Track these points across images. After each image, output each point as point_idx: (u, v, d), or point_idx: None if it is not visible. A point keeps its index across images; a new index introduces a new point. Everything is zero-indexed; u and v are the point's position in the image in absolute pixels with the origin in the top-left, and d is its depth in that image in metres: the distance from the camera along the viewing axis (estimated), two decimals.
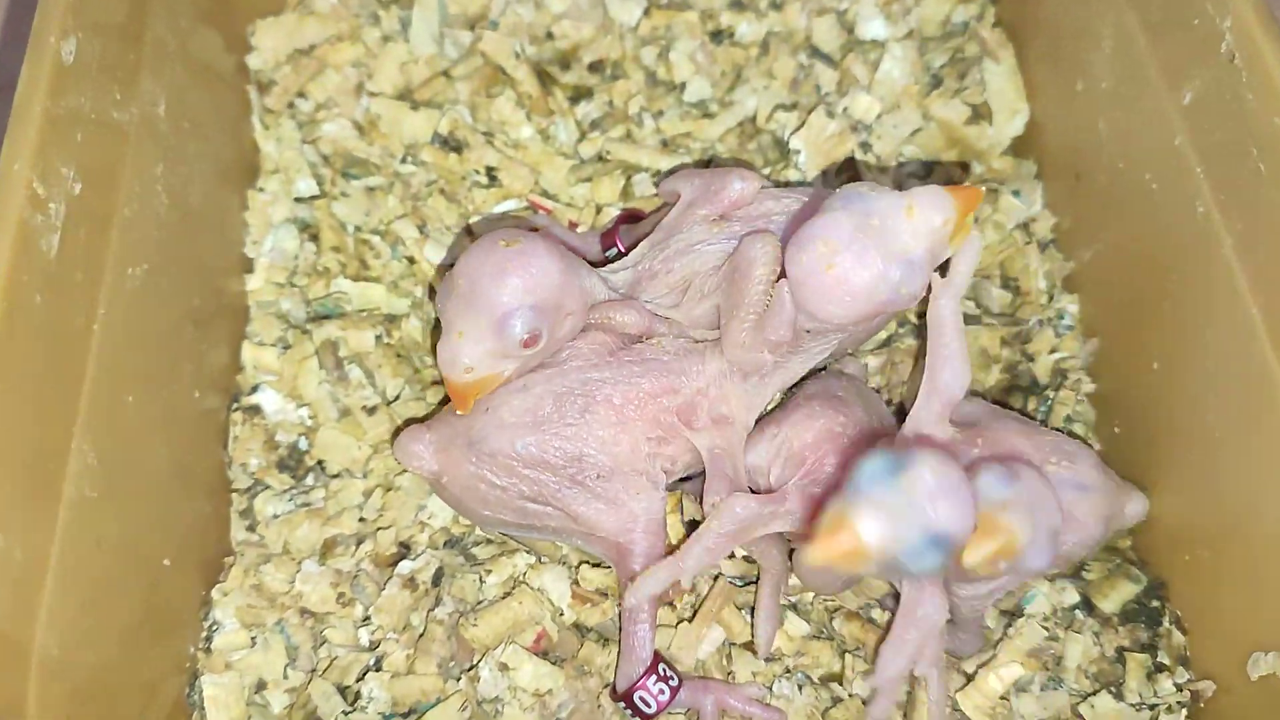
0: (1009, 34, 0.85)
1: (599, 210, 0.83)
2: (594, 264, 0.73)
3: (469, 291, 0.63)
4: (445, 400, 0.74)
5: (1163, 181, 0.68)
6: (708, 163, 0.83)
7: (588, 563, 0.71)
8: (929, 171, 0.83)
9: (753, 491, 0.66)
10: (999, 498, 0.55)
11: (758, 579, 0.70)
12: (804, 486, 0.64)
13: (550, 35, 0.87)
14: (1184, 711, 0.64)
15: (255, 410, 0.75)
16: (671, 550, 0.69)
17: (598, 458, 0.66)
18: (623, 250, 0.77)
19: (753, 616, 0.69)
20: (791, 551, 0.69)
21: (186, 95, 0.72)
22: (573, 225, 0.82)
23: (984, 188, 0.58)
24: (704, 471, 0.67)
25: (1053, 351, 0.77)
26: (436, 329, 0.78)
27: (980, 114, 0.84)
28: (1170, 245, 0.67)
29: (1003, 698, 0.66)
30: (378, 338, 0.77)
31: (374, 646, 0.69)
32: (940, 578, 0.61)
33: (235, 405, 0.75)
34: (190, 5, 0.76)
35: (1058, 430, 0.71)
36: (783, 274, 0.61)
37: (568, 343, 0.67)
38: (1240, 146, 0.61)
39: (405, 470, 0.73)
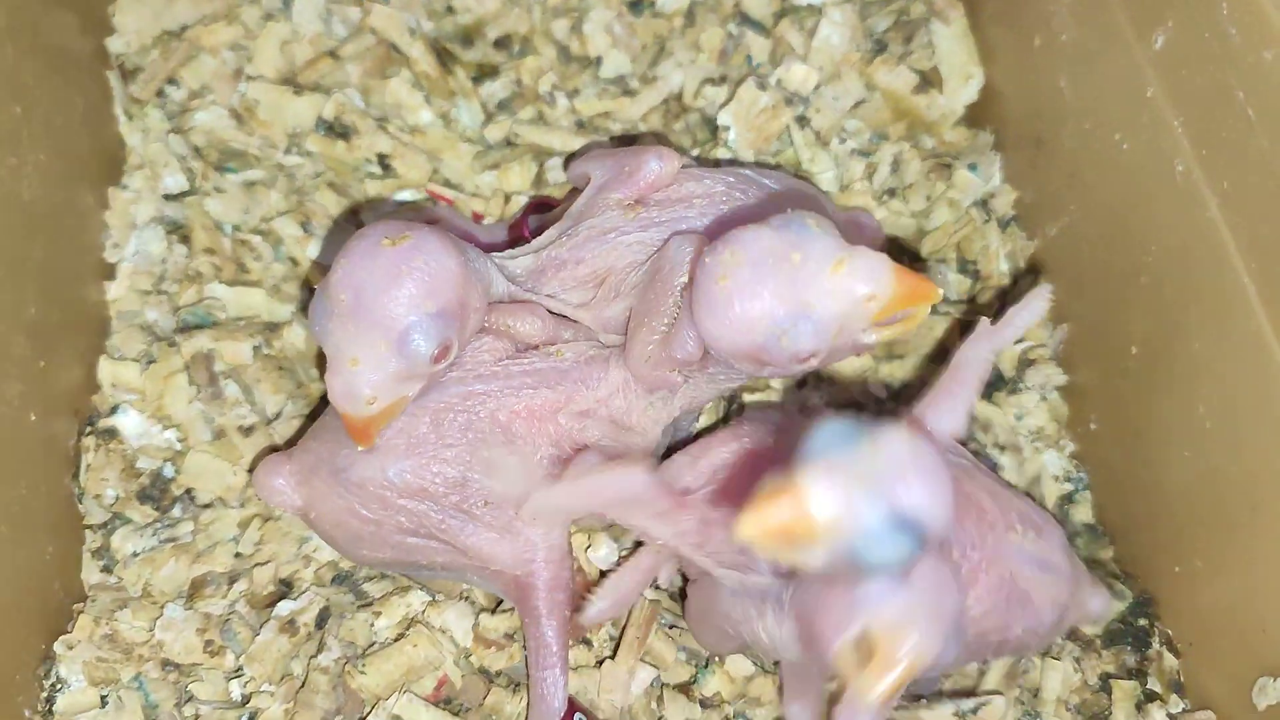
0: None
1: (508, 199, 0.74)
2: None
3: (355, 307, 0.52)
4: (312, 417, 0.65)
5: (1135, 140, 0.60)
6: (626, 142, 0.74)
7: (487, 610, 0.62)
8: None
9: None
10: (889, 614, 0.45)
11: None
12: (711, 514, 0.53)
13: (450, 9, 0.79)
14: None
15: (112, 434, 0.65)
16: (589, 582, 0.61)
17: (484, 482, 0.57)
18: (530, 239, 0.68)
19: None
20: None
21: (21, 76, 0.63)
22: (478, 217, 0.73)
23: (941, 291, 0.49)
24: None
25: (1019, 342, 0.68)
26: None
27: (930, 81, 0.76)
28: (1147, 212, 0.59)
29: None
30: (256, 348, 0.68)
31: (246, 701, 0.60)
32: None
33: (89, 429, 0.65)
34: None
35: (1031, 498, 0.62)
36: None
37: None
38: (1223, 92, 0.53)
39: None
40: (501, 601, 0.63)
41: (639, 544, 0.62)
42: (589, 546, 0.63)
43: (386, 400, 0.54)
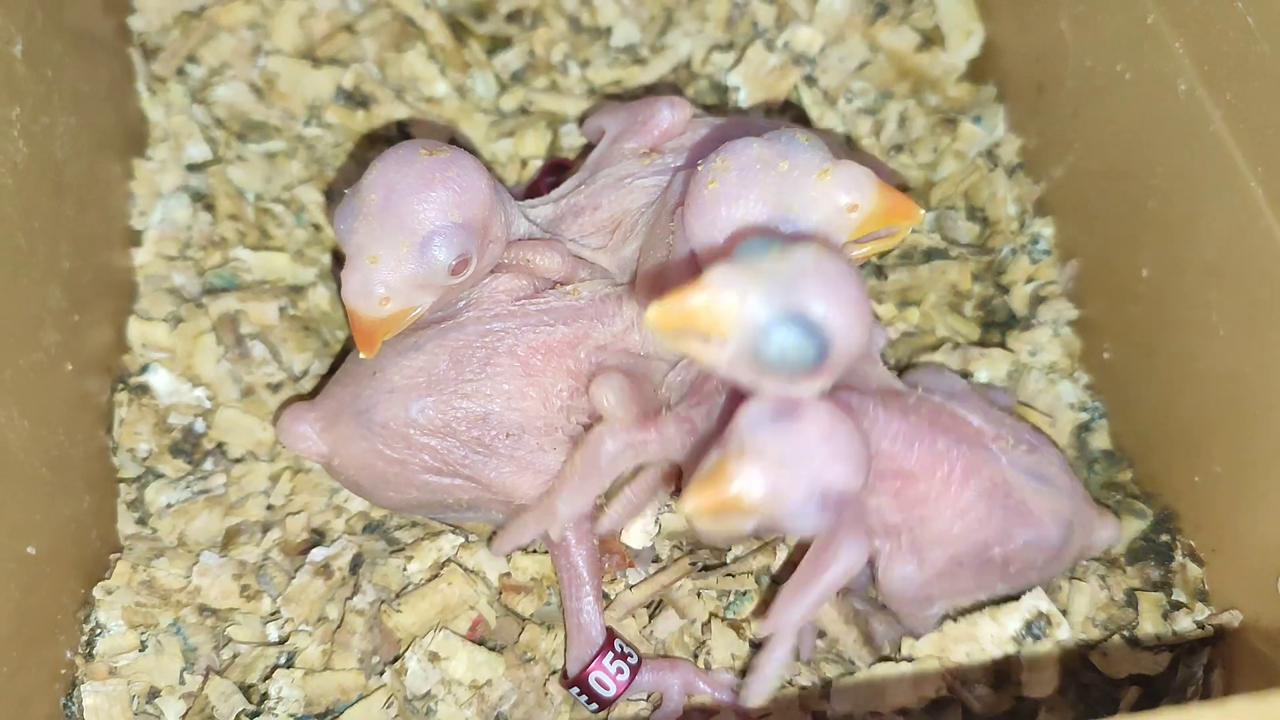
0: None
1: (524, 164, 0.75)
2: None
3: (383, 208, 0.53)
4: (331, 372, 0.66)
5: (1138, 68, 0.61)
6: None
7: (524, 549, 0.63)
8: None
9: None
10: (752, 437, 0.47)
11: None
12: (685, 414, 0.56)
13: None
14: (1207, 650, 0.56)
15: (144, 390, 0.66)
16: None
17: (504, 415, 0.58)
18: None
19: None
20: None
21: (50, 50, 0.64)
22: None
23: (922, 212, 0.52)
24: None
25: (1029, 280, 0.70)
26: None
27: (931, 40, 0.78)
28: (1152, 136, 0.61)
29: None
30: (281, 309, 0.69)
31: (284, 641, 0.60)
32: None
33: (121, 386, 0.66)
34: None
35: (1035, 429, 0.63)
36: None
37: (465, 291, 0.59)
38: (1224, 5, 0.55)
39: None
40: (523, 548, 0.63)
41: None
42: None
43: (399, 304, 0.54)
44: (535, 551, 0.63)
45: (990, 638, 0.57)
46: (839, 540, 0.53)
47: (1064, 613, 0.59)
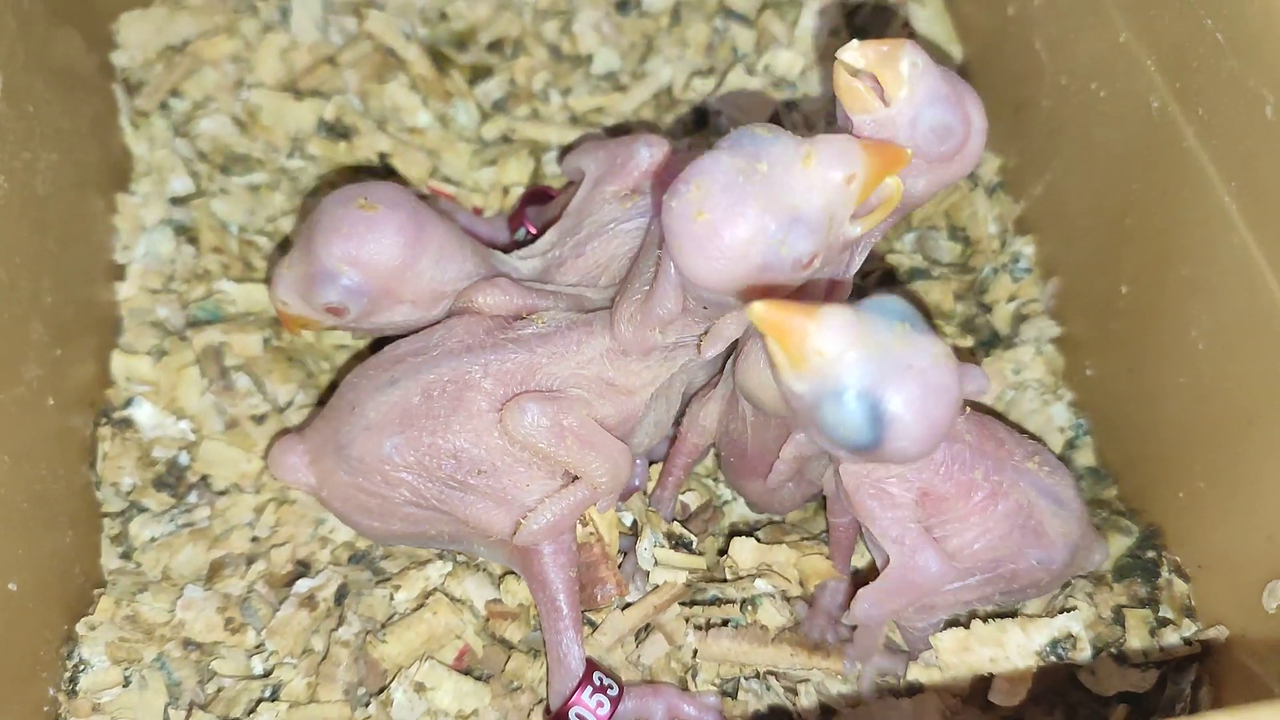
0: None
1: (506, 192, 0.76)
2: (504, 249, 0.66)
3: (309, 230, 0.59)
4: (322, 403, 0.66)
5: (1111, 86, 0.62)
6: (620, 133, 0.76)
7: (502, 580, 0.63)
8: None
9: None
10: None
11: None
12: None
13: (444, 16, 0.82)
14: (1195, 666, 0.56)
15: (127, 424, 0.66)
16: (588, 548, 0.61)
17: (474, 452, 0.57)
18: (532, 231, 0.70)
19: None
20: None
21: (32, 86, 0.65)
22: (478, 211, 0.75)
23: (910, 150, 0.48)
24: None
25: (1011, 299, 0.70)
26: (329, 330, 0.71)
27: None
28: (1127, 153, 0.61)
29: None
30: (265, 341, 0.69)
31: (268, 674, 0.60)
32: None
33: (104, 420, 0.66)
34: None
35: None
36: None
37: (438, 327, 0.60)
38: (1193, 23, 0.55)
39: None
40: (511, 572, 0.63)
41: None
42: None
43: (294, 310, 0.61)
44: (518, 577, 0.63)
45: (1017, 647, 0.57)
46: (918, 563, 0.54)
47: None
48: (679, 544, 0.63)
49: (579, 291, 0.61)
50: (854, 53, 0.51)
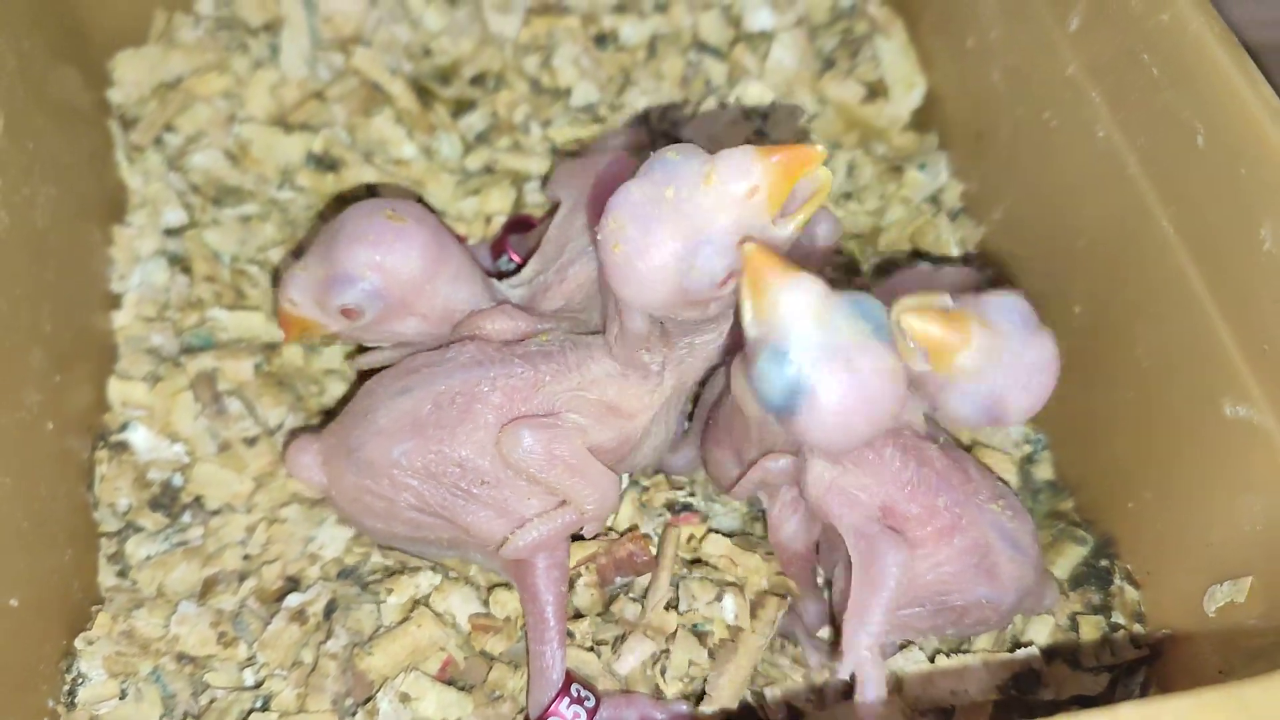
0: (898, 11, 0.83)
1: (489, 221, 0.79)
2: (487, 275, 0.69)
3: (331, 234, 0.61)
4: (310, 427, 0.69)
5: (1062, 116, 0.65)
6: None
7: (487, 594, 0.65)
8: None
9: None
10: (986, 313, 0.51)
11: None
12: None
13: (428, 51, 0.84)
14: (1144, 669, 0.59)
15: (123, 447, 0.69)
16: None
17: (479, 462, 0.60)
18: (514, 258, 0.73)
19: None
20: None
21: (31, 122, 0.68)
22: (462, 239, 0.77)
23: (820, 147, 0.48)
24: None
25: None
26: (317, 354, 0.74)
27: (876, 92, 0.81)
28: (1077, 180, 0.64)
29: None
30: (257, 366, 0.72)
31: (259, 686, 0.62)
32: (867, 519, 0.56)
33: (101, 444, 0.69)
34: (39, 37, 0.72)
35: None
36: None
37: (452, 344, 0.62)
38: (1131, 57, 0.58)
39: (290, 503, 0.68)
40: (500, 585, 0.66)
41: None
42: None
43: (302, 311, 0.62)
44: (505, 587, 0.65)
45: (978, 681, 0.59)
46: (878, 548, 0.55)
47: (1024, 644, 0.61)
48: None
49: (573, 315, 0.64)
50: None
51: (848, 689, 0.59)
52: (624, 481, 0.66)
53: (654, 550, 0.65)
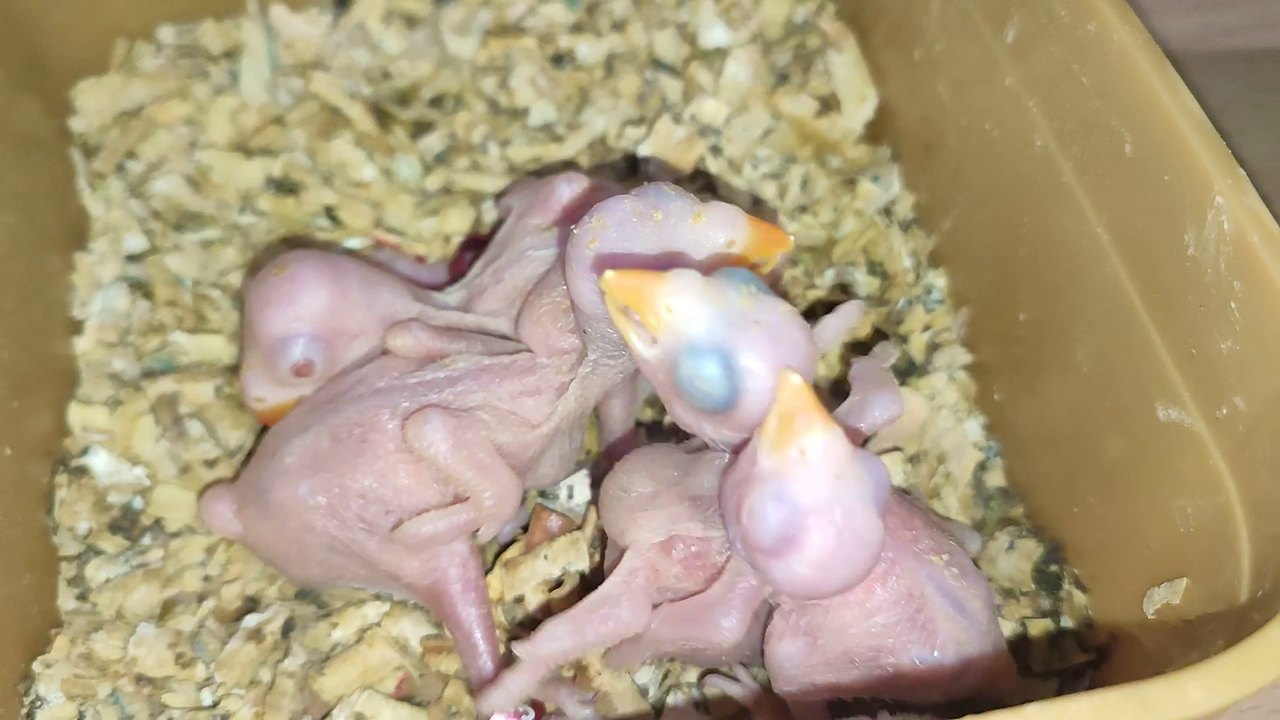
0: (850, 25, 0.84)
1: (448, 240, 0.79)
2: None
3: (249, 323, 0.63)
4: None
5: (1002, 126, 0.66)
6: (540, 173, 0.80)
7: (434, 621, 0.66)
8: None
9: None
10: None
11: None
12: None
13: (387, 74, 0.85)
14: (1090, 673, 0.59)
15: (83, 471, 0.70)
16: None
17: (380, 492, 0.60)
18: None
19: None
20: None
21: None
22: (420, 259, 0.79)
23: (792, 239, 0.53)
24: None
25: (926, 329, 0.74)
26: None
27: (829, 105, 0.82)
28: (1018, 188, 0.65)
29: None
30: (217, 389, 0.73)
31: (216, 704, 0.63)
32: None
33: (61, 469, 0.69)
34: (0, 68, 0.73)
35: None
36: None
37: (350, 374, 0.63)
38: (1063, 68, 0.59)
39: None
40: None
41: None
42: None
43: (273, 400, 0.64)
44: None
45: None
46: (625, 598, 0.54)
47: None
48: None
49: (496, 326, 0.64)
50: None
51: None
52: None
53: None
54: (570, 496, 0.69)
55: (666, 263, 0.50)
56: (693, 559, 0.55)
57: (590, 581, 0.65)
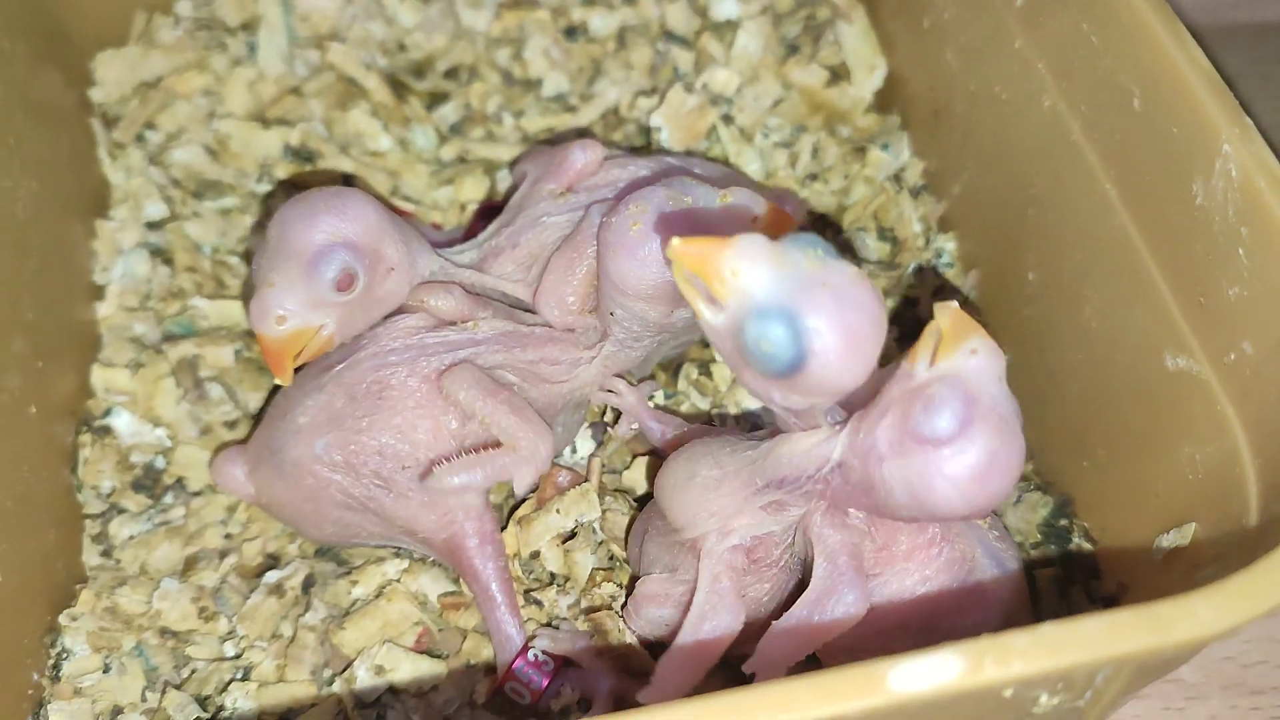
0: None
1: (463, 209, 0.80)
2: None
3: (279, 239, 0.60)
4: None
5: (1011, 89, 0.67)
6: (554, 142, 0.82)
7: (452, 576, 0.67)
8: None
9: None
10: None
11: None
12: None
13: (403, 46, 0.86)
14: None
15: (107, 431, 0.71)
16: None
17: (398, 447, 0.61)
18: None
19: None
20: None
21: (13, 120, 0.70)
22: (436, 227, 0.80)
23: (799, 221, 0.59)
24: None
25: (935, 292, 0.75)
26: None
27: (839, 75, 0.83)
28: (1027, 150, 0.66)
29: None
30: (237, 352, 0.74)
31: (239, 656, 0.64)
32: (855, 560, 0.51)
33: (85, 429, 0.70)
34: (22, 40, 0.74)
35: None
36: None
37: (363, 337, 0.63)
38: (1073, 29, 0.60)
39: None
40: None
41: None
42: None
43: (296, 323, 0.59)
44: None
45: None
46: (840, 590, 0.51)
47: None
48: None
49: (512, 290, 0.66)
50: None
51: None
52: None
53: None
54: (574, 451, 0.70)
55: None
56: (758, 557, 0.54)
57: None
